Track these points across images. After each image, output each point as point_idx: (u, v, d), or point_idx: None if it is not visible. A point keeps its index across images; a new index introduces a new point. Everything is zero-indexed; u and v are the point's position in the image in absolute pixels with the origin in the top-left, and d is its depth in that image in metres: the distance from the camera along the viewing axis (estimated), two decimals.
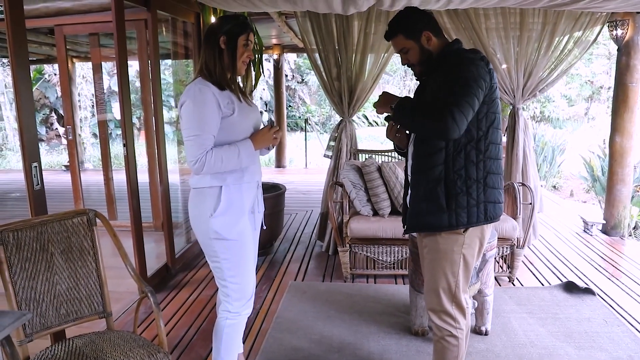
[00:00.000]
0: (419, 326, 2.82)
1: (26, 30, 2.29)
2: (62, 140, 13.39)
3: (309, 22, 4.09)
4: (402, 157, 3.09)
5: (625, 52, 4.47)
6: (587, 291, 3.39)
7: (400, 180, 3.59)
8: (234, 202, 2.00)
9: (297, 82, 18.41)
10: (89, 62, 6.49)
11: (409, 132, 2.04)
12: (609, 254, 4.28)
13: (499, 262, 3.68)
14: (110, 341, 1.91)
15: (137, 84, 7.64)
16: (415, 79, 2.11)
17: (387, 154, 4.71)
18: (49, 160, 11.76)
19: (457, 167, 1.83)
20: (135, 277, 2.09)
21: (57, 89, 13.38)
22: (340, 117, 4.36)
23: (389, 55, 4.17)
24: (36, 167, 2.30)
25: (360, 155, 4.53)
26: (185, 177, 4.75)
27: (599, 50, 15.04)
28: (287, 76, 16.70)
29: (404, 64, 2.00)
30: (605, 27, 4.32)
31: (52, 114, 14.34)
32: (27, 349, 1.85)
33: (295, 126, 17.70)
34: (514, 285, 3.60)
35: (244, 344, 2.57)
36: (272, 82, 9.75)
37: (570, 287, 3.45)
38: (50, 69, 13.44)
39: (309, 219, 5.49)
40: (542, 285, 3.60)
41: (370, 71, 4.20)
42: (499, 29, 4.14)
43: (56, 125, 14.25)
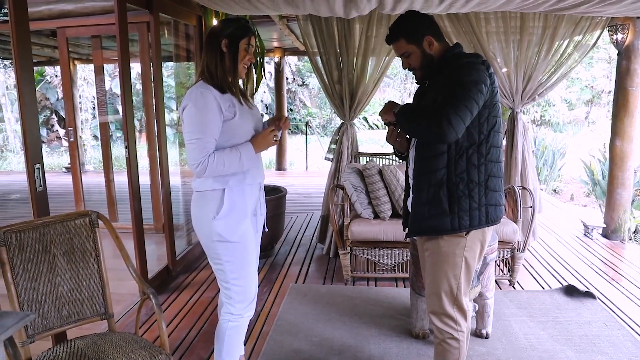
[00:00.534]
0: (420, 329, 2.82)
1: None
2: (63, 142, 13.41)
3: (310, 25, 4.11)
4: (402, 161, 3.09)
5: (625, 57, 4.49)
6: (588, 295, 3.39)
7: (401, 183, 3.60)
8: (236, 204, 2.00)
9: (298, 85, 18.42)
10: (91, 64, 6.49)
11: (410, 137, 2.05)
12: (609, 258, 4.29)
13: (499, 266, 3.68)
14: (112, 342, 1.92)
15: (138, 87, 7.65)
16: (415, 83, 2.12)
17: (388, 157, 4.71)
18: (50, 161, 11.77)
19: (459, 171, 1.84)
20: (137, 279, 2.09)
21: (58, 90, 13.39)
22: (341, 120, 4.38)
23: (390, 58, 4.18)
24: (39, 168, 2.31)
25: (361, 158, 4.53)
26: (186, 180, 4.75)
27: (599, 54, 15.06)
28: (288, 79, 16.71)
29: (405, 68, 2.01)
30: (605, 31, 4.34)
31: (53, 116, 14.35)
32: (29, 350, 1.85)
33: (296, 129, 17.69)
34: (515, 288, 3.60)
35: (245, 346, 2.57)
36: (273, 85, 9.76)
37: (570, 291, 3.45)
38: (51, 71, 13.45)
39: (310, 222, 5.49)
40: (543, 288, 3.61)
41: (371, 74, 4.21)
42: (499, 32, 4.15)
43: (57, 127, 14.26)
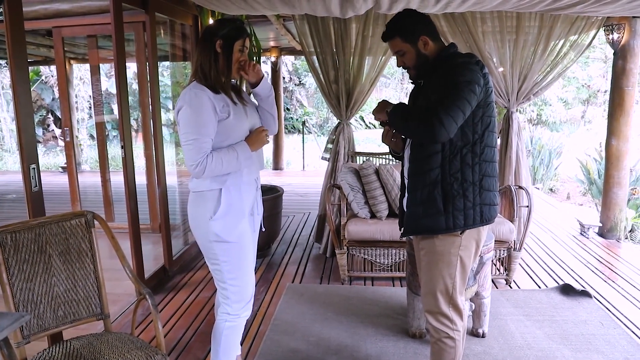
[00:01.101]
0: (417, 328, 2.83)
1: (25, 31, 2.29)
2: (59, 141, 13.35)
3: (306, 24, 4.11)
4: (397, 161, 3.10)
5: (621, 56, 4.51)
6: (584, 294, 3.40)
7: (397, 183, 3.60)
8: (233, 204, 2.00)
9: (295, 85, 18.41)
10: (87, 64, 6.48)
11: (404, 137, 2.05)
12: (605, 257, 4.30)
13: (496, 265, 3.69)
14: (107, 343, 1.91)
15: (134, 86, 7.62)
16: (410, 82, 2.12)
17: (384, 156, 4.72)
18: (46, 161, 11.72)
19: (454, 170, 1.85)
20: (133, 279, 2.09)
21: (54, 90, 13.33)
22: (337, 120, 4.38)
23: (386, 58, 4.18)
24: (34, 168, 2.30)
25: (357, 157, 4.53)
26: (182, 179, 4.74)
27: (595, 53, 15.11)
28: (284, 78, 16.71)
29: (399, 66, 2.01)
30: (601, 31, 4.35)
31: (49, 116, 14.29)
32: (24, 350, 1.85)
33: (292, 128, 17.68)
34: (511, 287, 3.61)
35: (241, 346, 2.57)
36: None
37: (566, 290, 3.47)
38: (47, 71, 13.40)
39: (307, 221, 5.49)
40: (539, 287, 3.62)
41: (367, 74, 4.21)
42: (495, 32, 4.16)
43: (53, 126, 14.20)
